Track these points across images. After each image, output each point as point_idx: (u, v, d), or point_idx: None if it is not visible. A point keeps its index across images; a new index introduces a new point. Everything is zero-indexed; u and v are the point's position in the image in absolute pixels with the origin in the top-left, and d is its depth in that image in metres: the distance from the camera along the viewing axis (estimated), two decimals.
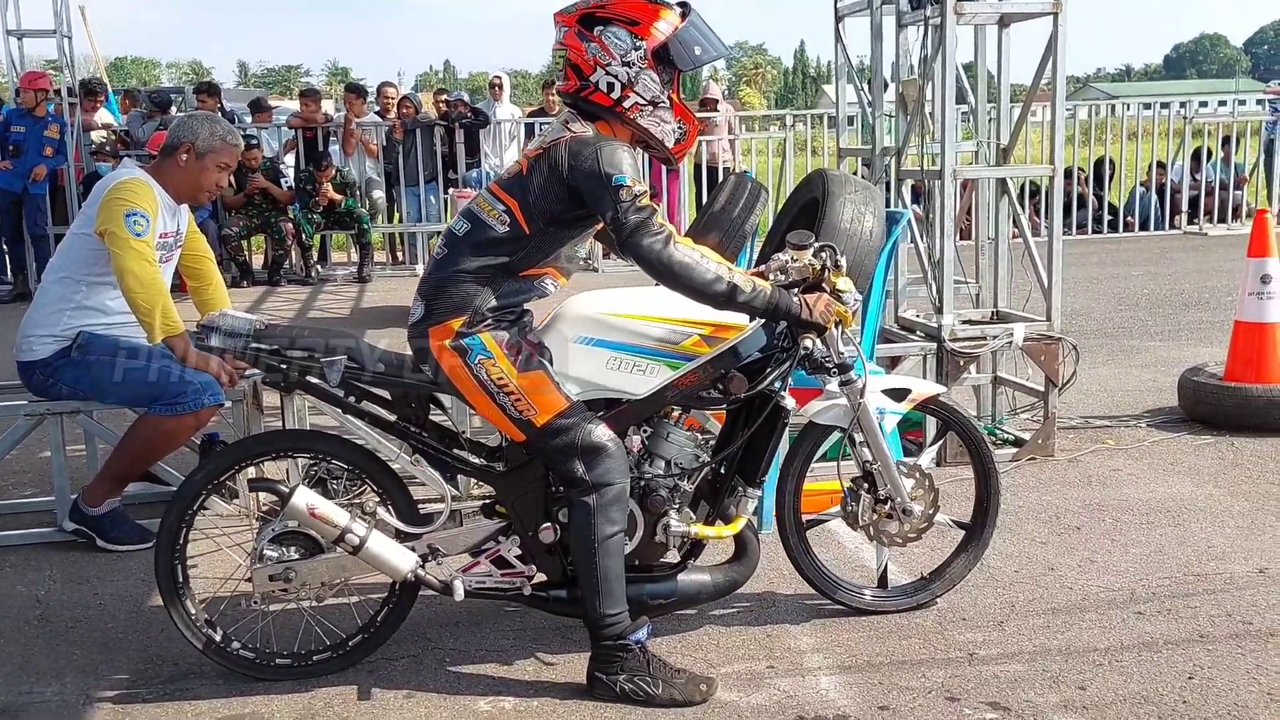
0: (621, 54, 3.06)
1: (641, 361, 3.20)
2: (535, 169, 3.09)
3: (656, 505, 3.26)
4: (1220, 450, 5.25)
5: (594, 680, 3.14)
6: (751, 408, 3.32)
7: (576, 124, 3.12)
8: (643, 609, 3.30)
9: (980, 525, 3.68)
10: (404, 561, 3.20)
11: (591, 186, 3.00)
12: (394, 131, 12.12)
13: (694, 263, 3.01)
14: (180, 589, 3.24)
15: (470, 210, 3.19)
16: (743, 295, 3.05)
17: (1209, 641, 3.38)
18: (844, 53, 6.29)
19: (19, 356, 4.35)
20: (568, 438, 3.08)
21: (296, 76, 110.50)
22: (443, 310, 3.11)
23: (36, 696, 3.25)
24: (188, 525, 3.25)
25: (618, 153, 3.02)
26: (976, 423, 3.84)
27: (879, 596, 3.66)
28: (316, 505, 3.15)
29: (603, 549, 3.08)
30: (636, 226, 2.98)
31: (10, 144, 10.77)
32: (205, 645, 3.25)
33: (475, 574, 3.28)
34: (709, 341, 3.22)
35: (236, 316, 3.22)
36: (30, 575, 4.13)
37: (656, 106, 3.11)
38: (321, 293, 11.05)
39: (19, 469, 5.21)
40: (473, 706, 3.13)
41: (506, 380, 3.08)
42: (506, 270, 3.11)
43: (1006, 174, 5.54)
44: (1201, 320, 8.42)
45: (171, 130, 4.45)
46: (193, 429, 4.25)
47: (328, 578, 3.26)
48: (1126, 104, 14.95)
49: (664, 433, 3.31)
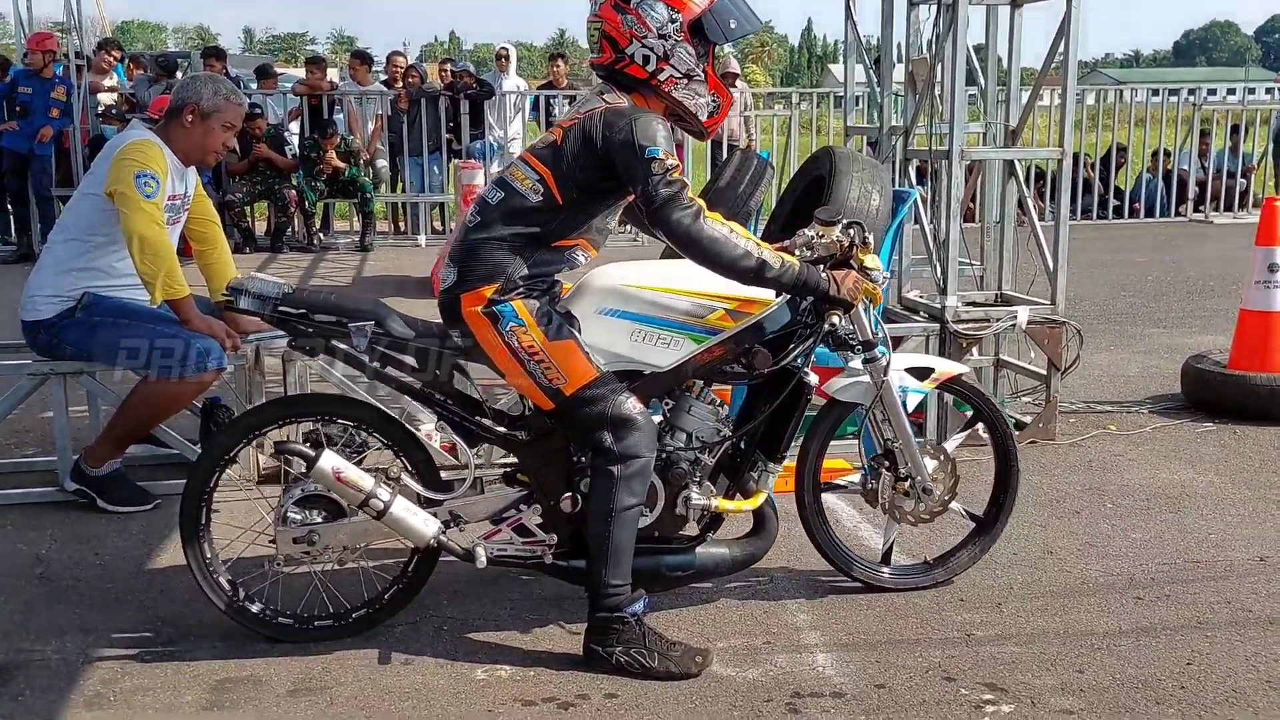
0: (658, 27, 3.07)
1: (665, 334, 3.20)
2: (569, 138, 3.09)
3: (677, 478, 3.27)
4: (1222, 438, 5.25)
5: (590, 652, 3.15)
6: (774, 383, 3.33)
7: (611, 94, 3.12)
8: (661, 581, 3.33)
9: (996, 513, 3.69)
10: (427, 527, 3.21)
11: (624, 157, 3.00)
12: (399, 101, 12.07)
13: (723, 238, 3.01)
14: (203, 535, 3.26)
15: (503, 179, 3.19)
16: (771, 271, 3.05)
17: (1208, 628, 3.39)
18: (854, 30, 6.25)
19: (24, 316, 4.34)
20: (597, 408, 3.09)
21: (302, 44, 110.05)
22: (476, 277, 3.11)
23: (36, 655, 3.25)
24: (215, 481, 3.26)
25: (652, 125, 3.01)
26: (1003, 410, 3.82)
27: (895, 574, 3.66)
28: (342, 469, 3.15)
29: (619, 519, 3.09)
30: (667, 200, 2.98)
31: (17, 105, 10.74)
32: (227, 603, 3.27)
33: (496, 541, 3.29)
34: (734, 316, 3.23)
35: (265, 280, 3.21)
36: (31, 534, 4.14)
37: (691, 80, 3.12)
38: (323, 260, 11.04)
39: (21, 428, 5.21)
40: (469, 675, 3.14)
41: (537, 348, 3.08)
42: (539, 240, 3.11)
43: (1014, 156, 5.52)
44: (1205, 308, 8.41)
45: (175, 92, 4.42)
46: (195, 393, 4.25)
47: (350, 542, 3.27)
48: (1135, 90, 14.90)
49: (686, 406, 3.32)
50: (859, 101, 10.64)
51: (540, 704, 2.99)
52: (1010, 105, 5.57)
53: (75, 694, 3.05)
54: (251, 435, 3.33)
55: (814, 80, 74.28)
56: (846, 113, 7.02)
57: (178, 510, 3.28)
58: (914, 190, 5.17)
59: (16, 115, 10.73)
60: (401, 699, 3.02)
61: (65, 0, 10.93)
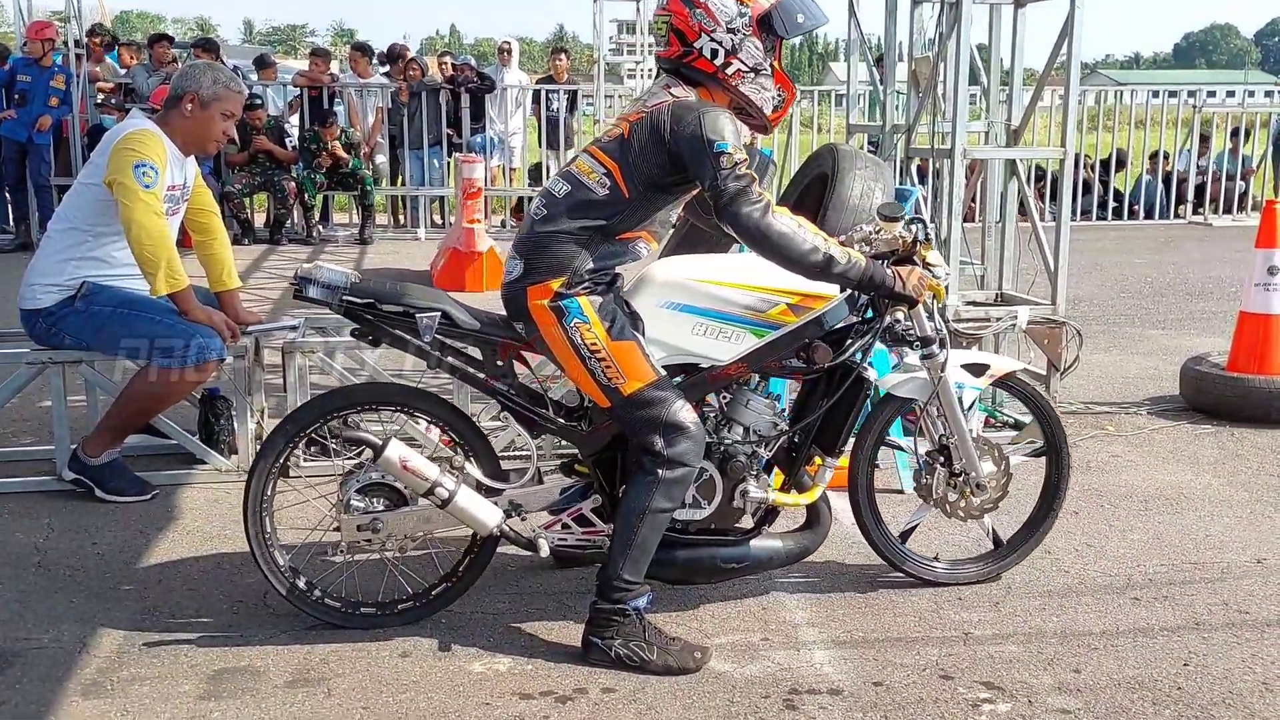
0: (726, 20, 3.10)
1: (727, 328, 3.21)
2: (636, 132, 3.09)
3: (735, 471, 3.28)
4: (1220, 440, 5.25)
5: (589, 644, 3.15)
6: (832, 377, 3.34)
7: (679, 88, 3.13)
8: (715, 572, 3.35)
9: (1047, 508, 3.72)
10: (490, 516, 3.23)
11: (693, 151, 3.00)
12: (399, 94, 12.05)
13: (792, 233, 3.02)
14: (268, 538, 3.27)
15: (569, 172, 3.19)
16: (839, 267, 3.06)
17: (1205, 629, 3.39)
18: (857, 28, 6.25)
19: (22, 304, 4.33)
20: (653, 411, 3.09)
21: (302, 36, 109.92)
22: (542, 269, 3.11)
23: (34, 643, 3.25)
24: (275, 476, 3.27)
25: (720, 119, 3.02)
26: (1058, 411, 3.81)
27: (949, 569, 3.68)
28: (409, 458, 3.16)
29: (650, 520, 3.10)
30: (736, 194, 2.98)
31: (16, 93, 10.71)
32: (289, 591, 3.29)
33: (555, 531, 3.32)
34: (795, 310, 3.23)
35: (333, 270, 3.23)
36: (29, 523, 4.13)
37: (758, 73, 3.15)
38: (322, 253, 11.02)
39: (19, 417, 5.20)
40: (467, 668, 3.14)
41: (599, 346, 3.09)
42: (604, 233, 3.11)
43: (1016, 155, 5.52)
44: (1204, 310, 8.41)
45: (174, 82, 4.41)
46: (194, 383, 4.25)
47: (412, 530, 3.29)
48: (1135, 91, 14.89)
49: (743, 399, 3.33)
50: (861, 100, 10.66)
51: (538, 697, 2.98)
52: (1012, 105, 5.57)
53: (73, 683, 3.04)
54: (327, 418, 3.32)
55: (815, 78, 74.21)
56: (849, 110, 7.03)
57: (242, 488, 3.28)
58: (915, 189, 5.17)
59: (15, 104, 10.70)
60: (399, 691, 3.02)
61: None
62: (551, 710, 2.93)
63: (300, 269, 3.26)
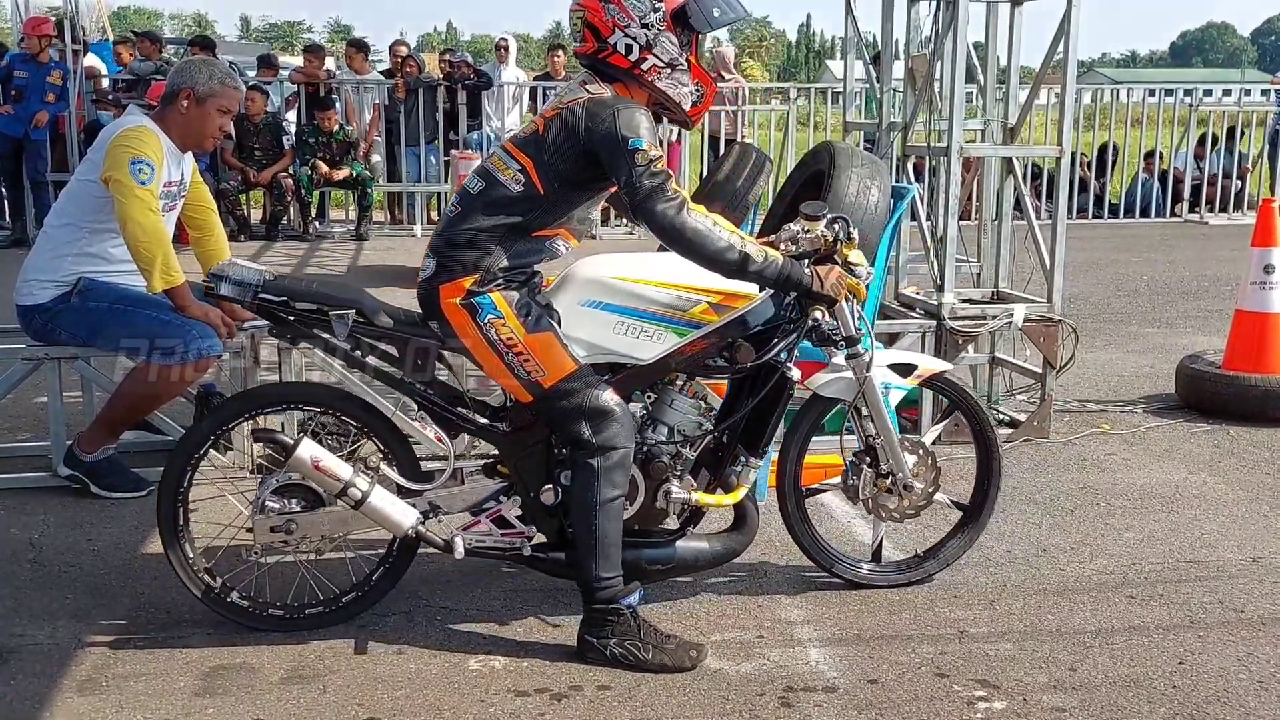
0: (640, 16, 3.06)
1: (648, 327, 3.19)
2: (551, 128, 3.06)
3: (658, 472, 3.26)
4: (1216, 439, 5.26)
5: (584, 643, 3.14)
6: (757, 377, 3.32)
7: (594, 85, 3.10)
8: (640, 574, 3.30)
9: (979, 506, 3.68)
10: (405, 518, 3.20)
11: (608, 148, 2.98)
12: (396, 90, 12.04)
13: (706, 230, 2.99)
14: (181, 535, 3.24)
15: (485, 168, 3.16)
16: (754, 265, 3.03)
17: (1200, 628, 3.40)
18: (854, 26, 6.25)
19: (18, 300, 4.33)
20: (575, 400, 3.08)
21: (299, 33, 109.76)
22: (455, 268, 3.09)
23: (29, 639, 3.25)
24: (190, 472, 3.25)
25: (636, 115, 3.00)
26: (982, 402, 3.83)
27: (875, 571, 3.66)
28: (321, 458, 3.14)
29: (603, 512, 3.08)
30: (651, 191, 2.96)
31: (13, 89, 10.69)
32: (204, 593, 3.26)
33: (475, 533, 3.29)
34: (717, 310, 3.21)
35: (246, 266, 3.20)
36: (24, 519, 4.13)
37: (674, 69, 3.11)
38: (319, 249, 11.00)
39: (15, 413, 5.19)
40: (463, 665, 3.14)
41: (515, 340, 3.07)
42: (519, 230, 3.09)
43: (1013, 153, 5.52)
44: (1200, 308, 8.42)
45: (170, 78, 4.40)
46: (190, 379, 4.23)
47: (328, 531, 3.27)
48: (1131, 90, 14.86)
49: (668, 399, 3.31)
50: (857, 97, 10.65)
51: (533, 695, 2.99)
52: (1009, 103, 5.57)
53: (68, 679, 3.04)
54: (245, 417, 3.32)
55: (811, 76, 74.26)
56: (845, 108, 7.01)
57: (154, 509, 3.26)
58: (912, 187, 5.17)
59: (12, 99, 10.67)
60: (394, 688, 3.02)
61: None
62: (547, 707, 2.93)
63: (213, 265, 3.21)
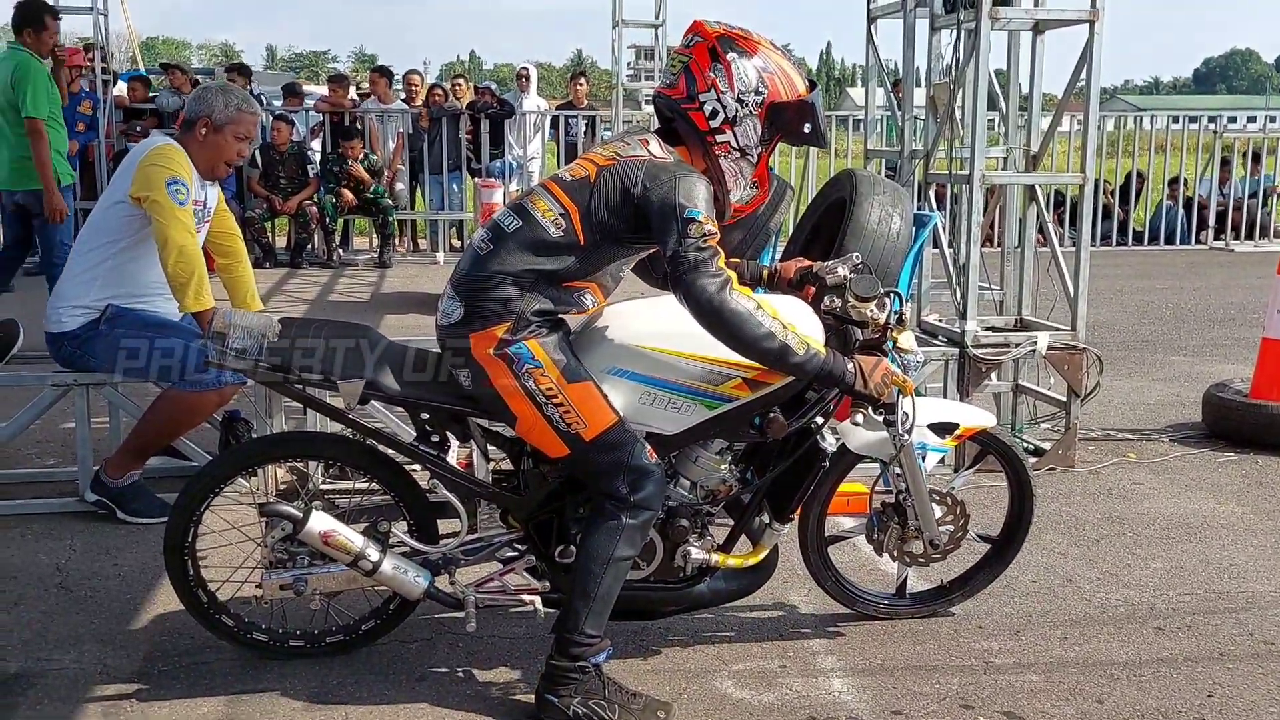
0: (741, 89, 2.94)
1: (676, 399, 3.03)
2: (604, 178, 2.93)
3: (678, 534, 3.16)
4: (1244, 468, 5.21)
5: (543, 703, 2.97)
6: (788, 440, 3.20)
7: (657, 146, 2.98)
8: (650, 614, 3.26)
9: (1007, 543, 3.64)
10: (417, 584, 3.14)
11: (661, 213, 2.83)
12: (420, 120, 12.14)
13: (747, 314, 2.81)
14: (191, 582, 3.22)
15: (522, 205, 3.01)
16: (795, 358, 2.87)
17: (1229, 660, 3.36)
18: (875, 54, 6.27)
19: (48, 328, 4.38)
20: (616, 455, 2.94)
21: (324, 62, 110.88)
22: (485, 314, 2.93)
23: (55, 664, 3.26)
24: (195, 523, 3.21)
25: (697, 185, 2.86)
26: (1023, 452, 3.72)
27: (896, 604, 3.64)
28: (331, 532, 3.07)
29: (614, 568, 2.94)
30: (696, 264, 2.80)
31: None
32: (222, 633, 3.26)
33: (487, 591, 3.20)
34: (751, 385, 3.03)
35: (249, 327, 3.05)
36: (51, 544, 4.16)
37: (744, 155, 3.00)
38: (342, 276, 11.08)
39: (43, 439, 5.24)
40: (485, 693, 3.14)
41: (555, 391, 2.92)
42: (551, 278, 2.94)
43: (1035, 180, 5.52)
44: (1226, 336, 8.36)
45: (188, 105, 4.42)
46: (215, 405, 4.26)
47: (340, 587, 3.21)
48: (1155, 117, 14.81)
49: (692, 455, 3.18)
50: (879, 125, 10.67)
51: None
52: (1031, 130, 5.57)
53: (92, 704, 3.05)
54: (245, 472, 3.29)
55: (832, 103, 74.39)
56: (867, 136, 7.02)
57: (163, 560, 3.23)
58: (934, 214, 5.17)
59: None
60: (416, 716, 3.01)
61: (94, 16, 11.01)
62: None
63: (215, 323, 3.07)
